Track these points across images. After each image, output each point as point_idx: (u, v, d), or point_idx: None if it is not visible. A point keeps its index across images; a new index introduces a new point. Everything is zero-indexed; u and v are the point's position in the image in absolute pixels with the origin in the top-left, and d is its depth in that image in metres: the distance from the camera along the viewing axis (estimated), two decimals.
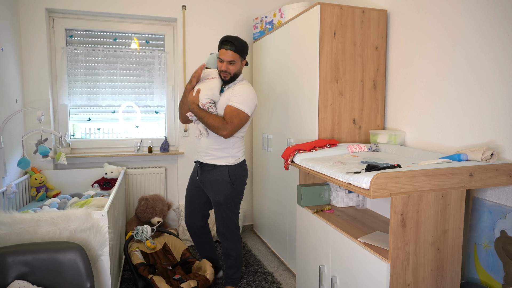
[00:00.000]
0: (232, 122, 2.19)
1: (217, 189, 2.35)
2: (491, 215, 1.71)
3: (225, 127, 2.18)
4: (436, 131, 2.06)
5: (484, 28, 1.76)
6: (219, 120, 2.19)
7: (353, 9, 2.34)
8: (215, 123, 2.18)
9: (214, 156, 2.34)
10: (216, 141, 2.32)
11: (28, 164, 2.62)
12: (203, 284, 2.36)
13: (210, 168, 2.36)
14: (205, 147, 2.35)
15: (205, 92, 2.23)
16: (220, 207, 2.37)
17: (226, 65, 2.25)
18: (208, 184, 2.37)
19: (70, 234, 1.84)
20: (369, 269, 1.61)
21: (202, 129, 2.32)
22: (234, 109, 2.21)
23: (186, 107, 2.34)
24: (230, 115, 2.20)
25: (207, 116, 2.20)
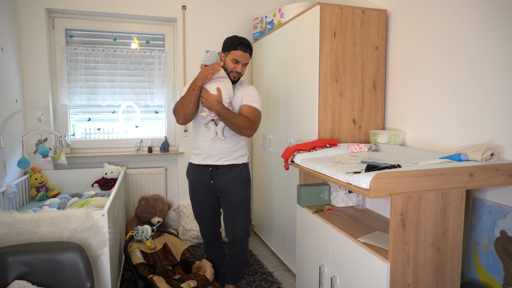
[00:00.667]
0: (257, 122, 2.23)
1: (238, 188, 2.31)
2: (491, 215, 1.71)
3: (252, 126, 2.19)
4: (436, 131, 2.06)
5: (484, 28, 1.76)
6: (247, 119, 2.18)
7: (353, 9, 2.34)
8: (245, 123, 2.16)
9: (231, 157, 2.29)
10: (232, 142, 2.29)
11: (28, 164, 2.62)
12: (203, 284, 2.36)
13: (227, 169, 2.31)
14: (221, 149, 2.27)
15: (225, 91, 2.16)
16: (242, 206, 2.33)
17: (241, 66, 2.25)
18: (226, 186, 2.31)
19: (70, 234, 1.84)
20: (369, 269, 1.61)
21: (219, 131, 2.22)
22: (255, 109, 2.24)
23: (194, 105, 2.18)
24: (254, 115, 2.22)
25: (236, 116, 2.15)
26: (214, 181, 2.32)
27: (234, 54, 2.23)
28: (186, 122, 2.28)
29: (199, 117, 2.26)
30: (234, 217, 2.33)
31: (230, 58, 2.24)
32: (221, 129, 2.23)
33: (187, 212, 3.46)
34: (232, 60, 2.24)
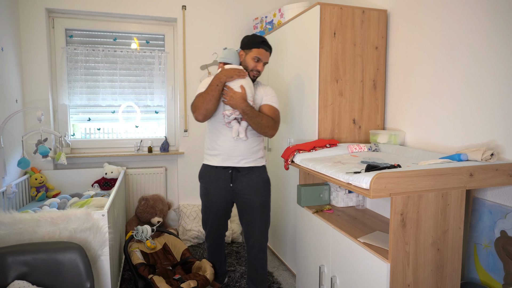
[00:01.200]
0: (279, 122, 2.18)
1: (260, 191, 2.21)
2: (491, 215, 1.71)
3: (275, 126, 2.14)
4: (436, 131, 2.06)
5: (484, 28, 1.76)
6: (270, 119, 2.11)
7: (353, 9, 2.34)
8: (269, 122, 2.10)
9: (251, 159, 2.19)
10: (254, 143, 2.20)
11: (28, 164, 2.62)
12: (203, 284, 2.36)
13: (246, 172, 2.20)
14: (243, 150, 2.17)
15: (249, 89, 2.09)
16: (263, 210, 2.23)
17: (262, 65, 2.19)
18: (248, 189, 2.20)
19: (70, 234, 1.84)
20: (369, 269, 1.61)
21: (242, 131, 2.11)
22: (276, 109, 2.19)
23: (216, 102, 2.08)
24: (276, 115, 2.17)
25: (260, 115, 2.08)
26: (234, 184, 2.21)
27: (256, 52, 2.16)
28: (206, 119, 2.15)
29: (218, 116, 2.16)
30: (254, 221, 2.22)
31: (251, 56, 2.17)
32: (244, 128, 2.12)
33: (187, 212, 3.46)
34: (254, 58, 2.16)
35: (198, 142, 3.58)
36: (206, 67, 3.54)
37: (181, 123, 3.52)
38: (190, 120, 3.54)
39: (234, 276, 2.73)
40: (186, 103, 3.51)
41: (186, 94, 3.51)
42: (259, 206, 2.21)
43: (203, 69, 3.54)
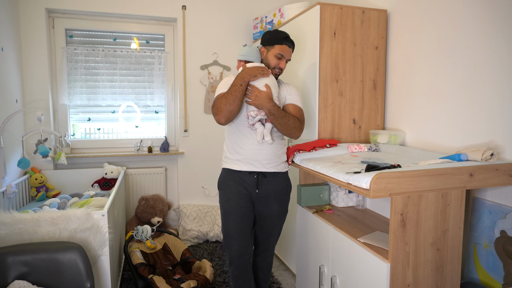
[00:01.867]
0: (304, 122, 2.05)
1: (283, 199, 2.08)
2: (491, 215, 1.71)
3: (301, 127, 2.01)
4: (436, 131, 2.06)
5: (484, 28, 1.76)
6: (296, 119, 1.98)
7: (353, 9, 2.34)
8: (295, 123, 1.97)
9: (276, 163, 2.03)
10: (278, 146, 2.05)
11: (28, 164, 2.62)
12: (203, 284, 2.36)
13: (272, 177, 2.04)
14: (268, 153, 1.99)
15: (273, 88, 1.96)
16: (283, 218, 2.12)
17: (285, 62, 2.05)
18: (273, 195, 2.04)
19: (70, 234, 1.84)
20: (369, 269, 1.61)
21: (267, 134, 1.95)
22: (300, 109, 2.06)
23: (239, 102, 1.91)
24: (301, 115, 2.04)
25: (287, 115, 1.95)
26: (259, 190, 2.02)
27: (279, 48, 2.00)
28: (228, 122, 1.96)
29: (241, 117, 1.99)
30: (273, 228, 2.10)
31: (273, 53, 2.01)
32: (269, 131, 1.96)
33: (187, 212, 3.46)
34: (276, 55, 2.01)
35: (198, 142, 3.58)
36: (206, 67, 3.54)
37: (181, 123, 3.52)
38: (190, 120, 3.54)
39: None
40: (186, 103, 3.51)
41: (186, 94, 3.51)
42: (279, 214, 2.09)
43: (203, 69, 3.54)
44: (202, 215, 3.48)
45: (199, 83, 3.54)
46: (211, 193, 3.66)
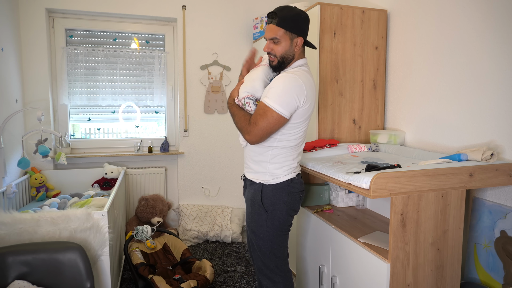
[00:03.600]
0: (256, 124, 1.60)
1: (250, 212, 1.80)
2: (491, 215, 1.71)
3: (248, 129, 1.63)
4: (436, 131, 2.06)
5: (484, 28, 1.76)
6: (244, 119, 1.66)
7: (353, 9, 2.34)
8: (240, 123, 1.66)
9: (251, 170, 1.79)
10: (254, 150, 1.75)
11: (28, 164, 2.62)
12: (203, 284, 2.36)
13: (249, 183, 1.83)
14: (246, 156, 1.83)
15: (244, 84, 1.72)
16: (252, 235, 1.80)
17: (267, 44, 1.67)
18: (246, 204, 1.87)
19: (70, 234, 1.84)
20: (369, 269, 1.61)
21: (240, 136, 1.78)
22: (262, 106, 1.62)
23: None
24: (255, 114, 1.63)
25: (235, 114, 1.70)
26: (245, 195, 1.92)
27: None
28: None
29: None
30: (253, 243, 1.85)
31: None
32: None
33: (187, 212, 3.46)
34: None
35: (198, 142, 3.58)
36: (206, 67, 3.54)
37: (181, 123, 3.52)
38: (190, 120, 3.54)
39: (234, 276, 2.73)
40: (186, 103, 3.51)
41: (186, 94, 3.51)
42: (248, 229, 1.84)
43: (203, 69, 3.54)
44: (202, 215, 3.48)
45: (199, 83, 3.54)
46: (211, 193, 3.66)
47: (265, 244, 1.76)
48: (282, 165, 1.71)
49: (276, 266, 1.78)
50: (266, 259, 1.79)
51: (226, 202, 3.69)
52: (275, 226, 1.74)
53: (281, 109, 1.58)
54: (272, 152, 1.70)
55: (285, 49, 1.65)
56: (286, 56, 1.66)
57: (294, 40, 1.65)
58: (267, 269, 1.80)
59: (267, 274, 1.80)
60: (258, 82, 1.68)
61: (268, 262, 1.78)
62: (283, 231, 1.77)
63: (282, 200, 1.72)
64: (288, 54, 1.66)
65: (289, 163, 1.73)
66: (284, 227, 1.77)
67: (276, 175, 1.71)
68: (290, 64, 1.70)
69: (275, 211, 1.72)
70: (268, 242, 1.76)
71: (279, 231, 1.76)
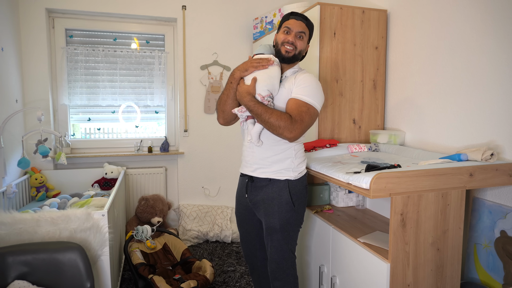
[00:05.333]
0: (302, 121, 1.62)
1: (273, 211, 1.76)
2: (491, 215, 1.71)
3: (293, 127, 1.61)
4: (436, 131, 2.06)
5: (484, 28, 1.76)
6: (285, 117, 1.61)
7: (353, 9, 2.34)
8: (280, 122, 1.61)
9: (270, 169, 1.76)
10: (273, 149, 1.74)
11: (28, 164, 2.62)
12: (203, 284, 2.36)
13: (265, 184, 1.78)
14: (259, 156, 1.77)
15: (264, 81, 1.67)
16: (274, 235, 1.77)
17: (294, 36, 1.72)
18: (261, 205, 1.80)
19: (70, 234, 1.84)
20: (369, 269, 1.61)
21: (254, 136, 1.73)
22: (303, 104, 1.64)
23: (232, 102, 1.76)
24: (299, 111, 1.63)
25: (269, 112, 1.62)
26: (249, 196, 1.86)
27: (287, 24, 1.75)
28: (226, 123, 1.86)
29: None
30: (268, 244, 1.83)
31: (281, 31, 1.78)
32: (257, 132, 1.73)
33: (187, 212, 3.46)
34: (284, 31, 1.75)
35: (198, 142, 3.58)
36: (206, 67, 3.54)
37: (181, 123, 3.52)
38: (190, 120, 3.54)
39: (234, 276, 2.73)
40: (186, 103, 3.51)
41: (186, 94, 3.51)
42: (271, 229, 1.79)
43: (203, 69, 3.54)
44: (202, 215, 3.48)
45: (199, 83, 3.54)
46: (211, 193, 3.66)
47: (287, 241, 1.78)
48: (302, 159, 1.83)
49: (291, 265, 1.81)
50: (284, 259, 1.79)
51: (226, 202, 3.69)
52: (298, 221, 1.82)
53: (318, 105, 1.69)
54: (296, 148, 1.78)
55: (302, 47, 1.79)
56: (301, 53, 1.80)
57: (307, 44, 1.83)
58: (281, 270, 1.80)
59: (279, 276, 1.80)
60: (277, 80, 1.72)
61: (285, 262, 1.79)
62: (301, 225, 1.86)
63: (303, 194, 1.82)
64: (302, 53, 1.80)
65: (305, 158, 1.86)
66: (302, 220, 1.86)
67: (300, 170, 1.80)
68: (295, 63, 1.82)
69: (300, 206, 1.80)
70: (290, 240, 1.80)
71: (299, 226, 1.84)
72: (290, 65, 1.79)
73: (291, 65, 1.79)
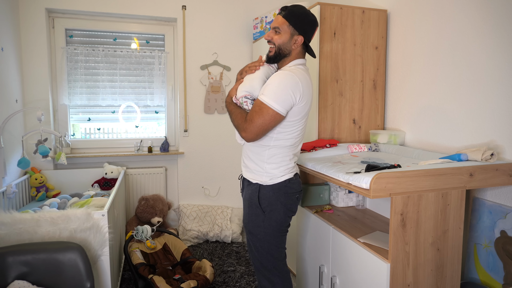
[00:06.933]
0: (252, 121, 1.59)
1: (247, 212, 1.79)
2: (491, 215, 1.71)
3: (244, 127, 1.62)
4: (436, 131, 2.06)
5: (484, 28, 1.76)
6: (240, 117, 1.65)
7: (353, 9, 2.34)
8: (237, 121, 1.65)
9: (249, 169, 1.78)
10: (251, 150, 1.74)
11: (28, 164, 2.62)
12: (203, 284, 2.36)
13: (247, 184, 1.82)
14: (243, 155, 1.83)
15: (244, 83, 1.72)
16: (249, 236, 1.80)
17: (269, 32, 1.68)
18: (244, 204, 1.85)
19: (70, 234, 1.84)
20: (369, 269, 1.61)
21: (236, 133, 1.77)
22: (258, 103, 1.61)
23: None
24: (251, 111, 1.62)
25: (232, 112, 1.69)
26: (242, 194, 1.89)
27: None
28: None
29: None
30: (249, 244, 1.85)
31: None
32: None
33: (187, 212, 3.46)
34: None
35: (198, 142, 3.58)
36: (206, 67, 3.54)
37: (181, 123, 3.52)
38: (190, 120, 3.54)
39: (234, 276, 2.73)
40: (186, 103, 3.51)
41: (186, 94, 3.51)
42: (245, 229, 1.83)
43: (203, 69, 3.54)
44: (202, 215, 3.48)
45: (199, 83, 3.54)
46: (211, 193, 3.66)
47: (262, 245, 1.75)
48: (279, 165, 1.70)
49: (274, 267, 1.78)
50: (263, 260, 1.78)
51: (226, 202, 3.69)
52: (273, 227, 1.73)
53: (276, 105, 1.57)
54: (269, 152, 1.69)
55: (283, 41, 1.65)
56: (283, 48, 1.66)
57: (294, 36, 1.65)
58: (265, 270, 1.79)
59: (266, 275, 1.80)
60: (257, 81, 1.68)
61: (266, 262, 1.77)
62: (281, 232, 1.76)
63: (280, 200, 1.71)
64: (285, 47, 1.66)
65: (286, 163, 1.71)
66: (281, 228, 1.76)
67: (274, 176, 1.70)
68: (287, 62, 1.70)
69: (272, 212, 1.71)
70: (265, 243, 1.75)
71: (277, 232, 1.74)
72: (284, 63, 1.70)
73: (285, 63, 1.70)
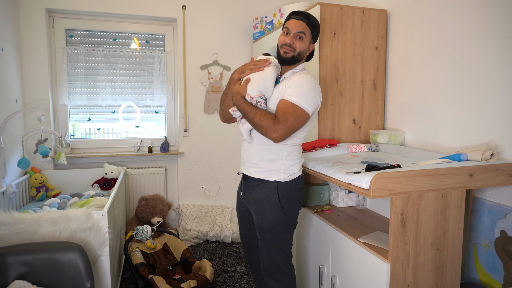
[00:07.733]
0: (286, 121, 1.60)
1: (262, 211, 1.77)
2: (491, 215, 1.71)
3: (276, 127, 1.60)
4: (436, 131, 2.06)
5: (484, 28, 1.76)
6: (268, 117, 1.61)
7: (353, 9, 2.34)
8: (263, 122, 1.61)
9: (262, 169, 1.77)
10: (265, 148, 1.75)
11: (28, 164, 2.62)
12: (203, 284, 2.36)
13: (256, 183, 1.79)
14: (251, 155, 1.79)
15: (256, 82, 1.69)
16: (264, 235, 1.79)
17: (292, 37, 1.70)
18: (253, 204, 1.81)
19: (70, 234, 1.84)
20: (369, 269, 1.61)
21: (245, 133, 1.76)
22: (289, 104, 1.63)
23: (229, 101, 1.81)
24: (284, 112, 1.62)
25: (254, 112, 1.63)
26: (243, 194, 1.88)
27: (286, 24, 1.75)
28: (226, 120, 1.92)
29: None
30: (260, 244, 1.84)
31: (282, 33, 1.77)
32: (247, 130, 1.76)
33: (187, 212, 3.46)
34: (284, 32, 1.74)
35: (198, 142, 3.58)
36: (206, 67, 3.54)
37: (181, 123, 3.52)
38: (190, 120, 3.54)
39: (234, 276, 2.73)
40: (186, 103, 3.51)
41: (186, 94, 3.51)
42: (260, 229, 1.80)
43: (203, 69, 3.54)
44: (202, 215, 3.48)
45: (199, 83, 3.54)
46: (211, 193, 3.66)
47: (277, 242, 1.79)
48: (295, 162, 1.78)
49: (284, 264, 1.81)
50: (275, 259, 1.80)
51: (226, 202, 3.69)
52: (289, 223, 1.79)
53: (307, 107, 1.64)
54: (287, 150, 1.75)
55: (303, 48, 1.73)
56: (301, 54, 1.74)
57: (310, 44, 1.77)
58: (275, 269, 1.81)
59: (274, 275, 1.81)
60: (270, 82, 1.71)
61: (277, 261, 1.80)
62: (294, 227, 1.84)
63: (295, 196, 1.78)
64: (303, 53, 1.75)
65: (300, 160, 1.81)
66: (294, 222, 1.83)
67: (291, 172, 1.76)
68: (297, 65, 1.78)
69: (290, 208, 1.78)
70: (280, 240, 1.79)
71: (291, 228, 1.81)
72: (290, 67, 1.77)
73: (291, 66, 1.77)
